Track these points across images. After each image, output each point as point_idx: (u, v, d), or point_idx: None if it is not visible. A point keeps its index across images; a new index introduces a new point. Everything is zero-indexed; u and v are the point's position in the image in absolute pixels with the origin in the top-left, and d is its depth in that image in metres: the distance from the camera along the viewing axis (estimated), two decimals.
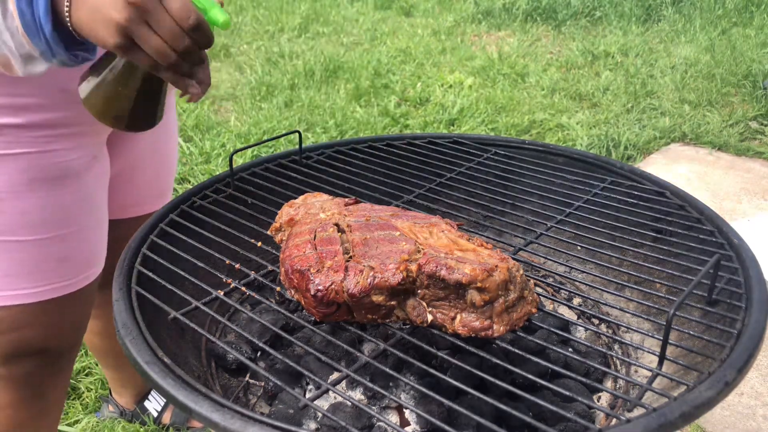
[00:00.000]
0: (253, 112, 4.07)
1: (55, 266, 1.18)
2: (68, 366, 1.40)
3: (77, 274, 1.23)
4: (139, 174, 1.41)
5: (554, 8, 6.11)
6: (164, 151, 1.46)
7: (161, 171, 1.48)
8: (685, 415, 0.69)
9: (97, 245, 1.27)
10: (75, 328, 1.34)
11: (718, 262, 0.88)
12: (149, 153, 1.40)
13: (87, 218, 1.21)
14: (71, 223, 1.18)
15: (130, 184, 1.41)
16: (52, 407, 1.39)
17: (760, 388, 1.99)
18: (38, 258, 1.16)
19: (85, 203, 1.19)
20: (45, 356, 1.29)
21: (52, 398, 1.38)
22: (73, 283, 1.22)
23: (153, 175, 1.45)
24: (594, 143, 3.63)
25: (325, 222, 0.98)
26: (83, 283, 1.25)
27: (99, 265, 1.29)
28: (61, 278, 1.20)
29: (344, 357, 1.09)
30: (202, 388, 0.77)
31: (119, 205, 1.41)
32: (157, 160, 1.45)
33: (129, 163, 1.37)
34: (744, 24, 5.61)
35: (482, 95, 4.32)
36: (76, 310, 1.29)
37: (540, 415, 0.96)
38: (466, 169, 1.36)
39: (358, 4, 6.87)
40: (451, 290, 0.82)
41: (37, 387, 1.33)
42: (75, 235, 1.19)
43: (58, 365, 1.35)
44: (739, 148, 3.58)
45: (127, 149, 1.34)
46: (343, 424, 0.74)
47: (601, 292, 1.19)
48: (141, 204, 1.46)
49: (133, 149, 1.36)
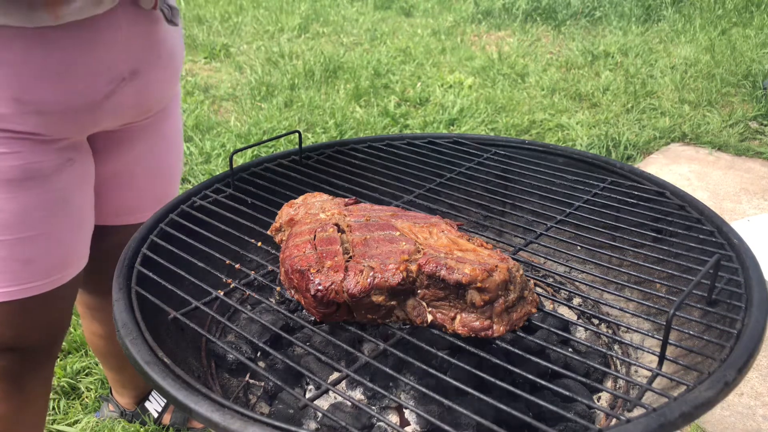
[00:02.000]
0: (253, 112, 4.07)
1: (19, 268, 1.16)
2: (49, 361, 1.39)
3: (46, 276, 1.20)
4: (134, 182, 1.40)
5: (554, 8, 6.11)
6: (162, 161, 1.43)
7: (158, 180, 1.45)
8: (685, 415, 0.69)
9: (73, 247, 1.24)
10: (51, 327, 1.32)
11: (718, 262, 0.88)
12: (144, 161, 1.38)
13: (59, 220, 1.19)
14: (36, 226, 1.15)
15: (124, 190, 1.39)
16: (33, 400, 1.39)
17: (760, 388, 1.99)
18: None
19: (55, 205, 1.17)
20: (19, 353, 1.29)
21: (33, 392, 1.37)
22: (42, 284, 1.20)
23: (149, 183, 1.43)
24: (594, 143, 3.63)
25: (325, 222, 0.98)
26: (55, 285, 1.22)
27: (76, 266, 1.27)
28: (27, 280, 1.18)
29: (344, 357, 1.09)
30: (202, 388, 0.77)
31: (114, 212, 1.40)
32: (155, 168, 1.43)
33: (121, 169, 1.35)
34: (744, 24, 5.61)
35: (482, 95, 4.32)
36: (49, 310, 1.27)
37: (540, 415, 0.96)
38: (466, 169, 1.36)
39: (358, 4, 6.87)
40: (451, 290, 0.82)
41: (15, 381, 1.32)
42: (42, 237, 1.16)
43: (36, 361, 1.34)
44: (739, 148, 3.58)
45: (118, 155, 1.33)
46: (343, 424, 0.74)
47: (601, 292, 1.19)
48: (137, 212, 1.44)
49: (125, 156, 1.34)
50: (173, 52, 1.29)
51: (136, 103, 1.24)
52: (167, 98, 1.36)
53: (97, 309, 1.63)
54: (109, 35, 1.12)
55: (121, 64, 1.16)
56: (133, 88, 1.20)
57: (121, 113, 1.23)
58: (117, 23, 1.12)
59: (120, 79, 1.17)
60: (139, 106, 1.26)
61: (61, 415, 1.95)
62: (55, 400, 1.99)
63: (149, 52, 1.21)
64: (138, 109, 1.27)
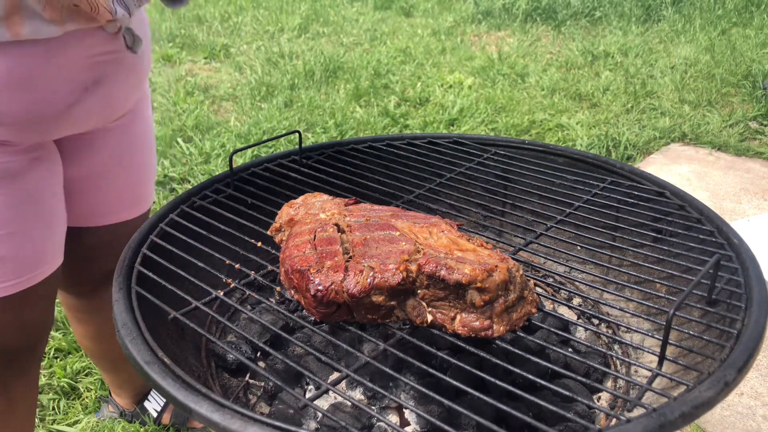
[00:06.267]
0: (253, 112, 4.07)
1: None
2: (32, 364, 1.38)
3: (18, 275, 1.20)
4: (107, 182, 1.39)
5: (554, 8, 6.12)
6: (134, 161, 1.42)
7: (131, 181, 1.44)
8: (685, 415, 0.69)
9: (44, 245, 1.24)
10: (31, 328, 1.31)
11: (718, 262, 0.88)
12: (116, 161, 1.38)
13: (28, 219, 1.18)
14: (4, 226, 1.15)
15: (98, 191, 1.38)
16: (18, 402, 1.38)
17: (760, 388, 1.99)
18: None
19: (24, 205, 1.17)
20: (0, 355, 1.28)
21: (18, 394, 1.36)
22: (13, 284, 1.19)
23: (122, 184, 1.43)
24: (594, 143, 3.63)
25: (325, 222, 0.98)
26: (29, 283, 1.22)
27: (49, 264, 1.26)
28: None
29: (344, 357, 1.09)
30: (202, 388, 0.77)
31: (89, 212, 1.40)
32: (127, 168, 1.41)
33: (91, 171, 1.35)
34: (744, 24, 5.61)
35: (482, 95, 4.32)
36: (27, 311, 1.26)
37: (540, 415, 0.96)
38: (466, 169, 1.36)
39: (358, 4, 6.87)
40: (451, 290, 0.82)
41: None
42: (11, 236, 1.16)
43: (19, 363, 1.33)
44: (739, 148, 3.58)
45: (89, 157, 1.32)
46: (343, 424, 0.74)
47: (601, 292, 1.19)
48: (114, 212, 1.44)
49: (96, 157, 1.34)
50: (139, 57, 1.27)
51: (101, 109, 1.23)
52: (133, 100, 1.35)
53: (82, 311, 1.63)
54: (72, 50, 1.11)
55: (84, 74, 1.15)
56: (96, 97, 1.19)
57: (85, 120, 1.22)
58: (80, 39, 1.12)
59: (83, 89, 1.16)
60: (104, 112, 1.26)
61: (61, 415, 1.95)
62: (55, 400, 1.99)
63: (112, 62, 1.20)
64: (103, 115, 1.26)
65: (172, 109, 4.11)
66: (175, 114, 4.01)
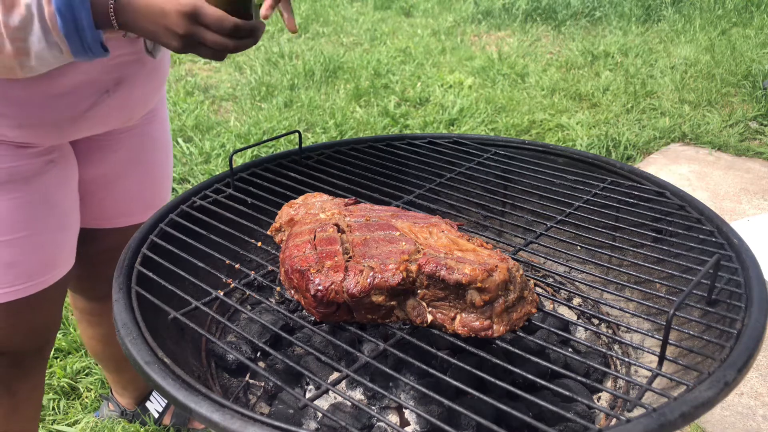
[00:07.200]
0: (253, 112, 4.07)
1: (0, 272, 1.16)
2: (38, 365, 1.38)
3: (30, 279, 1.20)
4: (122, 184, 1.39)
5: (554, 8, 6.11)
6: (150, 163, 1.43)
7: (148, 182, 1.44)
8: (685, 415, 0.69)
9: (57, 249, 1.24)
10: (39, 330, 1.31)
11: (718, 262, 0.88)
12: (132, 164, 1.38)
13: (41, 222, 1.18)
14: (18, 228, 1.15)
15: (113, 193, 1.38)
16: (23, 403, 1.38)
17: (760, 388, 1.99)
18: None
19: (37, 208, 1.17)
20: (7, 357, 1.28)
21: (23, 396, 1.37)
22: (25, 287, 1.19)
23: (137, 186, 1.42)
24: (594, 143, 3.63)
25: (325, 222, 0.98)
26: (39, 287, 1.22)
27: (61, 268, 1.26)
28: (10, 283, 1.17)
29: (344, 357, 1.09)
30: (202, 389, 0.77)
31: (104, 215, 1.40)
32: (143, 171, 1.42)
33: (109, 172, 1.35)
34: (744, 24, 5.61)
35: (482, 95, 4.32)
36: (37, 313, 1.26)
37: (540, 415, 0.96)
38: (466, 169, 1.36)
39: (358, 4, 6.87)
40: (451, 290, 0.82)
41: (4, 385, 1.32)
42: (24, 240, 1.16)
43: (25, 365, 1.33)
44: (739, 148, 3.58)
45: (105, 158, 1.33)
46: (343, 424, 0.74)
47: (601, 292, 1.19)
48: (127, 215, 1.43)
49: (112, 159, 1.34)
50: (159, 60, 1.28)
51: (120, 111, 1.24)
52: (152, 103, 1.35)
53: (93, 314, 1.62)
54: None
55: (106, 76, 1.16)
56: (116, 99, 1.20)
57: (104, 122, 1.22)
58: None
59: (103, 91, 1.16)
60: (123, 114, 1.26)
61: (61, 415, 1.95)
62: (55, 400, 1.99)
63: (134, 63, 1.20)
64: (122, 117, 1.26)
65: (172, 109, 4.11)
66: (175, 114, 4.01)
